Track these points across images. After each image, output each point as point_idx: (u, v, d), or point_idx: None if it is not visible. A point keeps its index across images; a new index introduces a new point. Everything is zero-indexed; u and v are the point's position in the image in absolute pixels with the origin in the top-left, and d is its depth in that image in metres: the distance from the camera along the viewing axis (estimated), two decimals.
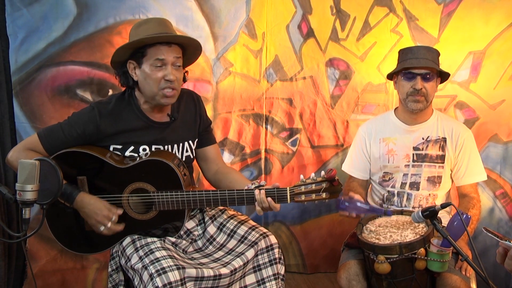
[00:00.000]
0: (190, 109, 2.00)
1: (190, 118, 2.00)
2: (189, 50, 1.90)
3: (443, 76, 2.22)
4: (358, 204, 1.87)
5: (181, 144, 1.95)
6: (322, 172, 1.77)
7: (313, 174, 1.78)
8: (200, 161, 2.11)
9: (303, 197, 1.77)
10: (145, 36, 1.76)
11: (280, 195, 1.77)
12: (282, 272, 1.89)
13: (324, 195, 1.76)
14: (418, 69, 2.12)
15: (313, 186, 1.76)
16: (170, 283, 1.60)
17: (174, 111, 1.94)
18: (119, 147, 1.86)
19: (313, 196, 1.77)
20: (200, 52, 1.95)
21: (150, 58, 1.77)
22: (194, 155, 2.03)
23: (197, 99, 2.05)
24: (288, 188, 1.77)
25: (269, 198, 1.76)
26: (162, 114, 1.92)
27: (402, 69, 2.16)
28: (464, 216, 1.72)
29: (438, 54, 2.19)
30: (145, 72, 1.78)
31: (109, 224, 1.78)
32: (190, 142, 1.99)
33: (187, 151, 1.97)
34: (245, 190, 1.80)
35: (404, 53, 2.19)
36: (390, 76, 2.28)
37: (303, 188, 1.76)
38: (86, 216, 1.79)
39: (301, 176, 1.78)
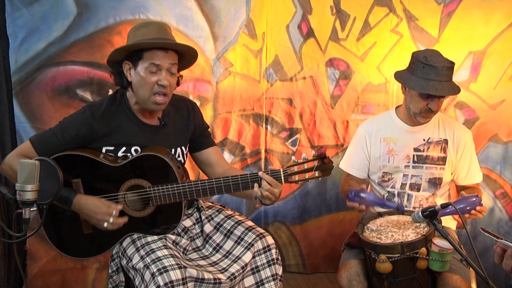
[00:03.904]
0: (183, 116, 1.99)
1: (182, 124, 1.99)
2: (186, 57, 1.90)
3: None
4: (369, 197, 1.89)
5: (173, 150, 1.94)
6: (313, 152, 1.78)
7: (304, 154, 1.79)
8: (204, 167, 2.09)
9: (296, 177, 1.78)
10: (142, 41, 1.76)
11: (274, 176, 1.76)
12: (280, 272, 1.89)
13: (316, 173, 1.77)
14: None
15: (305, 165, 1.77)
16: (171, 281, 1.60)
17: (165, 115, 1.94)
18: (111, 148, 1.86)
19: (306, 175, 1.78)
20: (196, 59, 1.95)
21: (146, 62, 1.77)
22: (185, 159, 2.02)
23: (192, 106, 2.04)
24: (281, 169, 1.77)
25: (271, 178, 1.75)
26: (152, 117, 1.91)
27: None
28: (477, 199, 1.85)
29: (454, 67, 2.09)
30: (140, 74, 1.78)
31: (111, 220, 1.76)
32: (183, 147, 1.99)
33: (179, 156, 1.97)
34: (240, 175, 1.79)
35: (426, 69, 2.01)
36: (397, 77, 2.17)
37: (295, 168, 1.77)
38: (86, 217, 1.78)
39: (293, 157, 1.80)
